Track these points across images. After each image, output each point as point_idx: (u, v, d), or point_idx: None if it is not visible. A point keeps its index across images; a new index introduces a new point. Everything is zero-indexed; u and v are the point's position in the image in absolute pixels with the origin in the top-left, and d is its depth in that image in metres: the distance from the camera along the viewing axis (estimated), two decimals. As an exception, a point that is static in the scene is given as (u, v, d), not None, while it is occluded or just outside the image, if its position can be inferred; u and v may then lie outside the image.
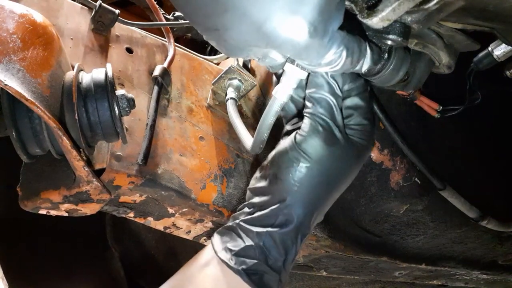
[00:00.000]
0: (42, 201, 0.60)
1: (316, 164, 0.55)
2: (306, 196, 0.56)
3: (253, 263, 0.54)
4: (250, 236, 0.56)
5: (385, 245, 0.90)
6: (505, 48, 0.65)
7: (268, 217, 0.56)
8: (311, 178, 0.55)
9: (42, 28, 0.52)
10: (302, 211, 0.56)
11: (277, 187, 0.57)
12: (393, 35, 0.47)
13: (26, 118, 0.51)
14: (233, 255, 0.55)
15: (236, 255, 0.55)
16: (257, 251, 0.55)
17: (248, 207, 0.59)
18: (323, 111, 0.56)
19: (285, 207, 0.56)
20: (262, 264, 0.54)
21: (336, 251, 0.84)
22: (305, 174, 0.55)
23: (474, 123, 0.85)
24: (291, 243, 0.56)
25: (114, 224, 1.47)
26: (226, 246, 0.56)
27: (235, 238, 0.56)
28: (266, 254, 0.55)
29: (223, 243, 0.57)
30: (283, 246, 0.55)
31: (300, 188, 0.55)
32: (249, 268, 0.54)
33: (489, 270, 1.07)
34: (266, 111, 0.56)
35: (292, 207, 0.56)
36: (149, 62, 0.77)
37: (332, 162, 0.56)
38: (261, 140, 0.59)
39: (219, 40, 0.45)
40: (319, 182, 0.56)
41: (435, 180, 0.77)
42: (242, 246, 0.55)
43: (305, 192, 0.56)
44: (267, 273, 0.55)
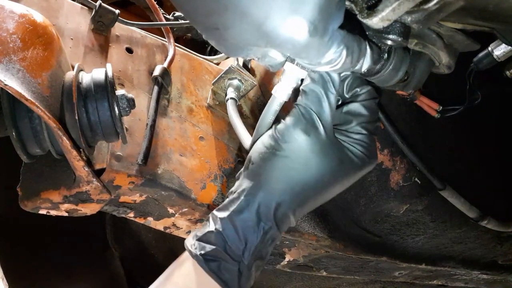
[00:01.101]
0: (42, 201, 0.60)
1: (289, 153, 0.53)
2: (272, 184, 0.53)
3: (212, 249, 0.52)
4: (215, 222, 0.54)
5: (385, 245, 0.90)
6: (505, 48, 0.65)
7: (232, 201, 0.54)
8: (282, 166, 0.53)
9: (42, 28, 0.52)
10: (264, 198, 0.53)
11: (248, 172, 0.55)
12: (393, 35, 0.47)
13: (26, 118, 0.52)
14: (196, 240, 0.53)
15: (199, 240, 0.53)
16: (217, 236, 0.52)
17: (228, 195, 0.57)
18: (308, 102, 0.54)
19: (248, 191, 0.53)
20: (221, 251, 0.52)
21: (336, 251, 0.84)
22: (276, 161, 0.53)
23: (474, 123, 0.85)
24: (251, 231, 0.53)
25: (114, 224, 1.47)
26: (195, 234, 0.54)
27: (205, 226, 0.55)
28: (225, 240, 0.52)
29: (195, 232, 0.55)
30: (243, 233, 0.52)
31: (268, 174, 0.53)
32: (208, 254, 0.52)
33: (489, 270, 1.07)
34: (265, 110, 0.56)
35: (255, 191, 0.53)
36: (149, 62, 0.77)
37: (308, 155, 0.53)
38: None
39: (219, 40, 0.45)
40: (290, 172, 0.53)
41: (435, 180, 0.77)
42: (205, 231, 0.53)
43: (273, 179, 0.53)
44: (226, 260, 0.52)
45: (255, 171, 0.54)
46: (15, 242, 1.24)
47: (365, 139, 0.56)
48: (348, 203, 0.84)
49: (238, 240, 0.52)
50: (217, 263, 0.52)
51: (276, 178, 0.53)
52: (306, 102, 0.54)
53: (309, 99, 0.54)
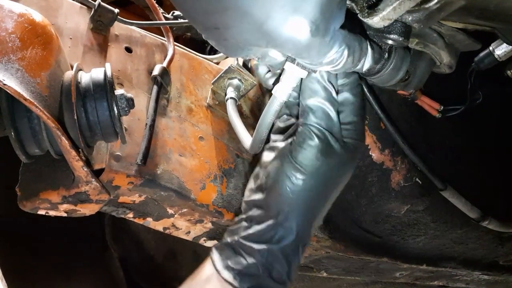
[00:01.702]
0: (41, 201, 0.60)
1: (312, 176, 0.55)
2: (303, 208, 0.55)
3: (258, 280, 0.54)
4: (251, 253, 0.55)
5: (385, 245, 0.90)
6: (506, 48, 0.65)
7: (267, 232, 0.55)
8: (308, 190, 0.55)
9: (41, 27, 0.52)
10: (300, 223, 0.55)
11: (273, 201, 0.56)
12: (394, 35, 0.46)
13: (25, 118, 0.51)
14: (236, 274, 0.54)
15: (240, 274, 0.54)
16: (261, 268, 0.54)
17: (245, 221, 0.58)
18: (319, 121, 0.55)
19: (283, 221, 0.55)
20: (266, 279, 0.54)
21: (337, 252, 0.83)
22: (302, 187, 0.55)
23: (475, 123, 0.85)
24: (293, 255, 0.56)
25: (113, 224, 1.47)
26: (228, 265, 0.55)
27: (236, 256, 0.56)
28: (269, 269, 0.55)
29: (224, 261, 0.56)
30: (286, 259, 0.55)
31: (297, 200, 0.55)
32: (254, 285, 0.54)
33: (490, 271, 1.07)
34: (265, 110, 0.55)
35: (290, 220, 0.55)
36: (149, 61, 0.77)
37: (328, 172, 0.55)
38: (260, 140, 0.59)
39: (219, 39, 0.45)
40: (316, 192, 0.56)
41: (436, 180, 0.76)
42: (245, 264, 0.55)
43: (302, 204, 0.55)
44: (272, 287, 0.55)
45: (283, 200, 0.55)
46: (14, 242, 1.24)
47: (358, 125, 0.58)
48: (349, 204, 0.83)
49: (282, 267, 0.55)
50: None
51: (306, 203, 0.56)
52: (316, 121, 0.55)
53: (318, 117, 0.55)
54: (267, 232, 0.55)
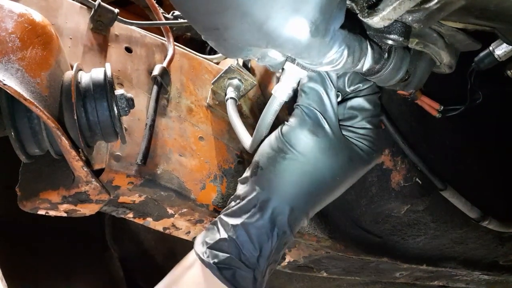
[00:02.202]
0: (41, 201, 0.60)
1: (299, 156, 0.52)
2: (285, 189, 0.52)
3: (226, 257, 0.51)
4: (226, 228, 0.53)
5: (385, 245, 0.90)
6: (506, 48, 0.65)
7: (243, 208, 0.53)
8: (293, 170, 0.52)
9: (41, 27, 0.52)
10: (278, 204, 0.52)
11: (257, 178, 0.54)
12: (394, 35, 0.46)
13: (25, 118, 0.51)
14: (207, 248, 0.53)
15: (210, 248, 0.52)
16: (231, 244, 0.52)
17: (233, 200, 0.57)
18: (311, 102, 0.53)
19: (261, 198, 0.53)
20: (235, 259, 0.52)
21: (337, 252, 0.83)
22: (287, 165, 0.52)
23: (475, 123, 0.85)
24: (266, 238, 0.52)
25: (114, 224, 1.47)
26: (204, 240, 0.54)
27: (214, 232, 0.54)
28: (239, 248, 0.52)
29: (203, 238, 0.55)
30: (258, 240, 0.52)
31: (279, 179, 0.52)
32: (221, 262, 0.51)
33: (490, 271, 1.07)
34: (265, 110, 0.56)
35: (268, 198, 0.52)
36: (149, 61, 0.77)
37: (317, 155, 0.52)
38: (260, 139, 0.59)
39: (219, 40, 0.44)
40: (301, 175, 0.53)
41: (436, 180, 0.76)
42: (216, 238, 0.53)
43: (285, 184, 0.52)
44: (240, 268, 0.52)
45: (265, 176, 0.54)
46: (14, 242, 1.24)
47: (371, 133, 0.56)
48: (349, 204, 0.84)
49: (253, 248, 0.52)
50: (232, 271, 0.51)
51: (288, 182, 0.53)
52: (308, 102, 0.54)
53: (310, 98, 0.54)
54: (244, 208, 0.53)
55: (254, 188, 0.55)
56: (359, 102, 0.56)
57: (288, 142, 0.54)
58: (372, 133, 0.56)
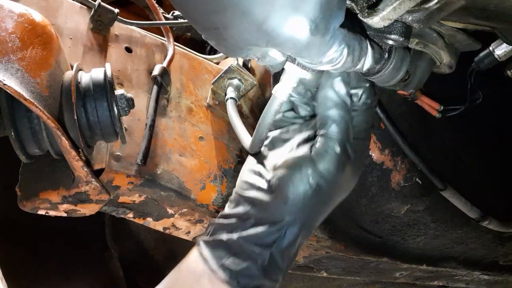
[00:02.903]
0: (41, 201, 0.60)
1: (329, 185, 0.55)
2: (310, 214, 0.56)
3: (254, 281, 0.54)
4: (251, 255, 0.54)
5: (385, 245, 0.90)
6: (506, 48, 0.65)
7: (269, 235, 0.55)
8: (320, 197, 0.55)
9: (41, 27, 0.52)
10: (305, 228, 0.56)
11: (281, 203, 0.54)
12: (394, 35, 0.46)
13: (25, 118, 0.51)
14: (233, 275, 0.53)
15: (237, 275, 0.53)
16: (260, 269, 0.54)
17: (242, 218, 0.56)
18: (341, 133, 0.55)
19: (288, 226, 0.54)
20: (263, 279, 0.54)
21: (337, 252, 0.83)
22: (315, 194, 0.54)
23: (475, 123, 0.85)
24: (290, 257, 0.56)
25: (114, 224, 1.47)
26: (223, 264, 0.54)
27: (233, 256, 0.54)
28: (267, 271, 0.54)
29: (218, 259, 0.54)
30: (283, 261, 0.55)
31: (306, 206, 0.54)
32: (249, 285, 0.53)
33: (490, 271, 1.07)
34: (265, 110, 0.55)
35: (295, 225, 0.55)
36: (149, 61, 0.77)
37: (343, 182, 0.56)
38: (260, 139, 0.58)
39: (219, 39, 0.44)
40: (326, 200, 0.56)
41: (436, 180, 0.76)
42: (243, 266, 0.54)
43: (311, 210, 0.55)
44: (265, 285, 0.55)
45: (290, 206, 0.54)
46: (14, 242, 1.24)
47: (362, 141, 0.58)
48: (349, 204, 0.83)
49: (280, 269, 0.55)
50: None
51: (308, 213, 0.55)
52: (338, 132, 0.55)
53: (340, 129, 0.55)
54: (270, 235, 0.54)
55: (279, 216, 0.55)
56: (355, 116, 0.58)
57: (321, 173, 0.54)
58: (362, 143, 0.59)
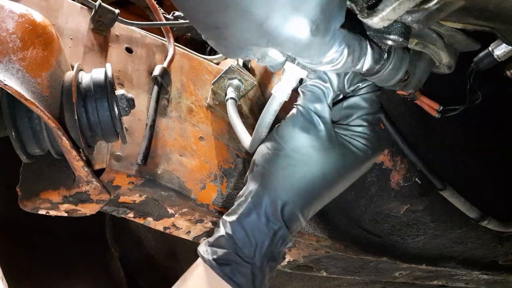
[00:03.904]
0: (41, 201, 0.60)
1: (291, 152, 0.53)
2: (277, 184, 0.53)
3: (224, 253, 0.52)
4: (225, 226, 0.54)
5: (385, 245, 0.90)
6: (505, 48, 0.65)
7: (239, 205, 0.54)
8: (284, 166, 0.53)
9: (41, 28, 0.52)
10: (271, 199, 0.53)
11: (252, 174, 0.56)
12: (394, 35, 0.46)
13: (26, 118, 0.51)
14: (208, 246, 0.54)
15: (211, 245, 0.54)
16: (228, 240, 0.53)
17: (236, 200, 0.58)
18: (307, 102, 0.55)
19: (254, 193, 0.53)
20: (232, 254, 0.52)
21: (336, 252, 0.84)
22: (279, 161, 0.53)
23: (475, 123, 0.85)
24: (261, 232, 0.53)
25: (114, 224, 1.47)
26: (206, 240, 0.55)
27: (215, 231, 0.55)
28: (236, 243, 0.53)
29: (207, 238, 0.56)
30: (253, 235, 0.52)
31: (272, 174, 0.53)
32: (220, 258, 0.52)
33: (490, 271, 1.07)
34: (265, 110, 0.56)
35: (261, 193, 0.53)
36: (149, 62, 0.77)
37: (309, 153, 0.53)
38: (260, 139, 0.59)
39: (219, 39, 0.44)
40: (293, 171, 0.53)
41: (435, 180, 0.77)
42: (216, 236, 0.54)
43: (277, 179, 0.53)
44: (238, 264, 0.52)
45: (260, 172, 0.55)
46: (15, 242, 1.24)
47: (367, 130, 0.57)
48: (349, 203, 0.84)
49: (249, 242, 0.52)
50: (230, 267, 0.52)
51: (280, 177, 0.53)
52: (304, 102, 0.56)
53: (307, 99, 0.55)
54: (240, 205, 0.54)
55: (249, 184, 0.56)
56: (355, 101, 0.57)
57: (281, 138, 0.55)
58: (367, 130, 0.56)
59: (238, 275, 0.52)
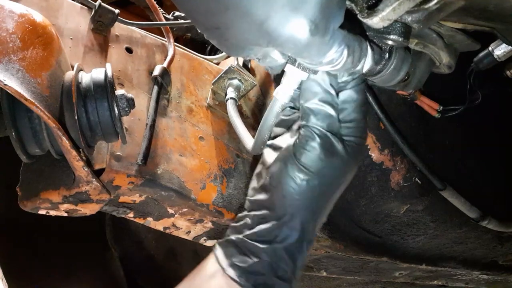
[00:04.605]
0: (41, 201, 0.60)
1: (316, 177, 0.55)
2: (307, 208, 0.56)
3: (263, 278, 0.54)
4: (256, 252, 0.55)
5: (385, 245, 0.90)
6: (505, 48, 0.65)
7: (271, 231, 0.56)
8: (312, 190, 0.55)
9: (41, 28, 0.52)
10: (305, 223, 0.56)
11: (277, 201, 0.56)
12: (394, 35, 0.46)
13: (26, 118, 0.51)
14: (242, 273, 0.55)
15: (245, 272, 0.55)
16: (266, 266, 0.55)
17: (249, 219, 0.58)
18: (320, 123, 0.55)
19: (288, 221, 0.56)
20: (272, 277, 0.55)
21: (337, 251, 0.84)
22: (306, 188, 0.55)
23: (475, 123, 0.85)
24: (297, 253, 0.56)
25: (114, 224, 1.47)
26: (232, 262, 0.55)
27: (241, 254, 0.56)
28: (274, 267, 0.55)
29: (228, 258, 0.56)
30: (290, 258, 0.56)
31: (301, 201, 0.55)
32: (259, 284, 0.54)
33: (490, 270, 1.07)
34: (267, 113, 0.56)
35: (294, 220, 0.56)
36: (149, 62, 0.77)
37: (332, 173, 0.56)
38: (262, 141, 0.59)
39: (220, 39, 0.45)
40: (320, 193, 0.56)
41: (435, 180, 0.77)
42: (250, 262, 0.55)
43: (307, 204, 0.56)
44: (277, 285, 0.55)
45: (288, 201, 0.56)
46: (15, 242, 1.24)
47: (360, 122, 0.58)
48: (349, 204, 0.84)
49: (287, 265, 0.55)
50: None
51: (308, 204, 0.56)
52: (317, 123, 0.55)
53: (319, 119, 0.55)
54: (272, 231, 0.56)
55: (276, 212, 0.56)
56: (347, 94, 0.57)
57: (303, 166, 0.55)
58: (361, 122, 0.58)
59: None
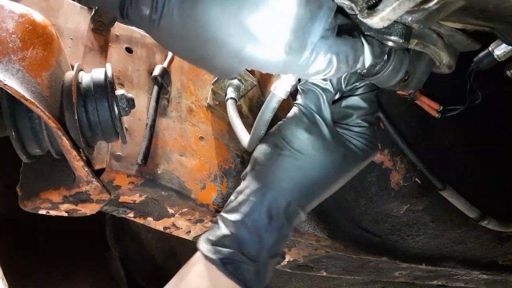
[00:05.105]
0: (41, 201, 0.60)
1: (294, 152, 0.54)
2: (281, 184, 0.54)
3: (229, 252, 0.53)
4: (227, 225, 0.55)
5: (385, 245, 0.90)
6: (505, 48, 0.65)
7: (242, 203, 0.55)
8: (288, 166, 0.54)
9: (41, 28, 0.52)
10: (275, 198, 0.54)
11: (254, 173, 0.56)
12: (394, 37, 0.46)
13: (26, 118, 0.51)
14: (211, 245, 0.54)
15: (214, 244, 0.54)
16: (233, 239, 0.53)
17: (233, 195, 0.58)
18: (308, 102, 0.56)
19: (258, 193, 0.54)
20: (238, 254, 0.53)
21: (336, 251, 0.84)
22: (282, 161, 0.54)
23: (475, 123, 0.85)
24: (265, 231, 0.54)
25: (114, 224, 1.47)
26: (207, 238, 0.55)
27: (216, 229, 0.56)
28: (240, 242, 0.53)
29: (206, 236, 0.56)
30: (257, 234, 0.53)
31: (276, 174, 0.54)
32: (225, 257, 0.53)
33: (489, 270, 1.07)
34: (263, 108, 0.56)
35: (265, 193, 0.54)
36: (149, 61, 0.77)
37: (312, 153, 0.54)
38: (258, 137, 0.59)
39: (208, 67, 0.47)
40: (296, 171, 0.54)
41: (435, 180, 0.77)
42: (219, 235, 0.54)
43: (281, 179, 0.54)
44: (243, 262, 0.53)
45: (262, 172, 0.55)
46: (15, 242, 1.24)
47: (366, 131, 0.58)
48: (349, 203, 0.84)
49: (253, 241, 0.54)
50: (235, 265, 0.53)
51: (283, 178, 0.54)
52: (305, 101, 0.56)
53: (307, 98, 0.56)
54: (242, 203, 0.55)
55: (251, 183, 0.56)
56: (354, 101, 0.58)
57: (284, 139, 0.55)
58: (368, 131, 0.58)
59: (243, 272, 0.53)
